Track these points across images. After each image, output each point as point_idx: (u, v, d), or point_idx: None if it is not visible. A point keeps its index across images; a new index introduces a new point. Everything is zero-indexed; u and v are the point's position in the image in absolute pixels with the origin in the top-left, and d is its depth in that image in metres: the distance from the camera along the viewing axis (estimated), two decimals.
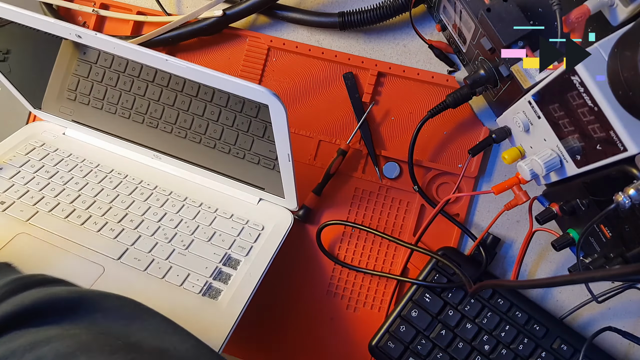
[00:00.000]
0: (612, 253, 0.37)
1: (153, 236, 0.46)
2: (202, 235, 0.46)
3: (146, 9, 0.56)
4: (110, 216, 0.47)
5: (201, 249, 0.45)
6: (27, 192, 0.48)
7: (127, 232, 0.46)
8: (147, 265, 0.43)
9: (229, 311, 0.41)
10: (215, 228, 0.47)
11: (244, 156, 0.48)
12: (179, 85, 0.49)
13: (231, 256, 0.45)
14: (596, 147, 0.33)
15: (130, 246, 0.45)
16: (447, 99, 0.47)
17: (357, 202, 0.52)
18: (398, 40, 0.54)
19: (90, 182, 0.50)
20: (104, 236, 0.45)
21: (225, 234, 0.47)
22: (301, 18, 0.53)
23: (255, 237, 0.47)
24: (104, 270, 0.43)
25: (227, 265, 0.44)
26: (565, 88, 0.34)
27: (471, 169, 0.51)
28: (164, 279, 0.43)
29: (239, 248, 0.46)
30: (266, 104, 0.38)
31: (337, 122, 0.53)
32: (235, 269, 0.44)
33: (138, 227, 0.46)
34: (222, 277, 0.43)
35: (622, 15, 0.38)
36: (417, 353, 0.47)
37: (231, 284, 0.43)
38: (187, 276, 0.43)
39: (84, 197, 0.48)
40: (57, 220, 0.46)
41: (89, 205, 0.48)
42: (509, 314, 0.47)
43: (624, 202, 0.30)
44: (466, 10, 0.42)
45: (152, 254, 0.44)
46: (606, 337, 0.48)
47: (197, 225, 0.47)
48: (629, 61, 0.29)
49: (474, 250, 0.49)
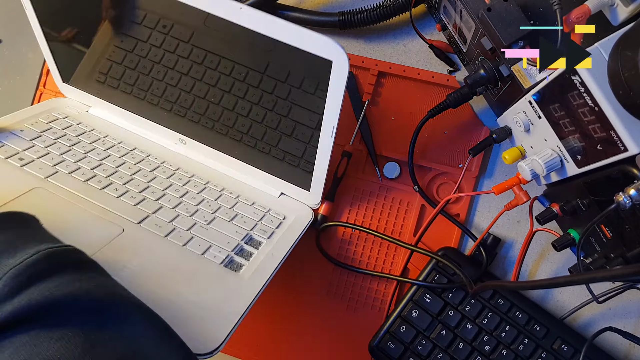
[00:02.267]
0: (612, 253, 0.37)
1: (175, 209, 0.45)
2: (224, 215, 0.46)
3: None
4: (131, 186, 0.46)
5: (223, 226, 0.44)
6: (47, 153, 0.47)
7: (148, 202, 0.45)
8: (168, 233, 0.42)
9: (250, 283, 0.40)
10: (237, 211, 0.46)
11: (278, 142, 0.46)
12: (213, 76, 0.46)
13: (253, 237, 0.45)
14: (597, 147, 0.33)
15: (151, 214, 0.43)
16: (447, 99, 0.47)
17: (357, 202, 0.52)
18: (398, 40, 0.54)
19: (113, 155, 0.49)
20: (125, 202, 0.44)
21: (247, 217, 0.46)
22: (301, 17, 0.53)
23: (277, 224, 0.46)
24: (123, 230, 0.41)
25: (249, 244, 0.44)
26: (566, 88, 0.34)
27: (472, 169, 0.51)
28: (185, 247, 0.41)
29: (261, 231, 0.45)
30: (330, 60, 0.37)
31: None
32: (257, 249, 0.43)
33: (160, 199, 0.45)
34: (244, 254, 0.43)
35: (623, 15, 0.38)
36: (417, 353, 0.47)
37: (253, 260, 0.42)
38: (208, 247, 0.42)
39: (105, 167, 0.47)
40: (77, 182, 0.45)
41: (110, 173, 0.47)
42: (510, 314, 0.47)
43: (625, 202, 0.30)
44: (467, 10, 0.42)
45: (173, 224, 0.43)
46: (607, 337, 0.48)
47: (219, 206, 0.46)
48: (630, 61, 0.29)
49: (474, 250, 0.49)
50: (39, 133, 0.49)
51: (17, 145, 0.46)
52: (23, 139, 0.47)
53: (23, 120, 0.50)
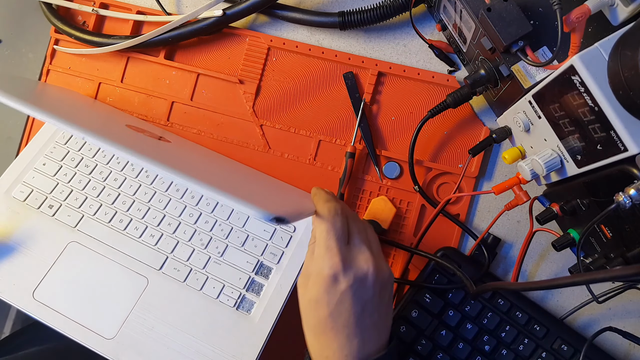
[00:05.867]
0: (612, 253, 0.37)
1: (190, 241, 0.49)
2: (235, 240, 0.49)
3: (146, 8, 0.56)
4: (149, 219, 0.50)
5: (235, 257, 0.48)
6: (71, 192, 0.51)
7: (165, 239, 0.49)
8: (186, 276, 0.47)
9: (260, 327, 0.45)
10: (247, 231, 0.49)
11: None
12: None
13: (263, 264, 0.48)
14: (597, 147, 0.33)
15: (169, 254, 0.48)
16: (447, 99, 0.47)
17: (358, 202, 0.52)
18: (398, 39, 0.54)
19: (128, 178, 0.51)
20: (145, 244, 0.49)
21: (257, 238, 0.49)
22: (301, 18, 0.53)
23: (286, 241, 0.48)
24: (148, 282, 0.47)
25: (259, 274, 0.47)
26: (566, 88, 0.34)
27: (472, 169, 0.51)
28: (201, 291, 0.47)
29: (270, 255, 0.48)
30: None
31: (337, 122, 0.53)
32: (267, 278, 0.47)
33: (176, 231, 0.49)
34: (254, 288, 0.47)
35: (623, 15, 0.38)
36: (417, 353, 0.47)
37: (263, 295, 0.47)
38: (222, 288, 0.47)
39: (124, 198, 0.51)
40: (101, 226, 0.49)
41: (129, 206, 0.50)
42: (510, 315, 0.47)
43: (625, 202, 0.30)
44: (466, 9, 0.42)
45: (190, 263, 0.48)
46: (606, 337, 0.48)
47: (231, 228, 0.49)
48: (630, 61, 0.29)
49: (475, 250, 0.49)
50: (59, 163, 0.52)
51: (43, 188, 0.51)
52: (47, 177, 0.51)
53: (43, 146, 0.53)
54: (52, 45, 0.57)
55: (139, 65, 0.56)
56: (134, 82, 0.56)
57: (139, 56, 0.56)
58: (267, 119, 0.54)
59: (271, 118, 0.54)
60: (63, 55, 0.57)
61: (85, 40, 0.55)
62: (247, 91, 0.54)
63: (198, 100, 0.55)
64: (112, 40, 0.54)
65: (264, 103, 0.54)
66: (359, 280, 0.36)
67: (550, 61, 0.38)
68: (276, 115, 0.54)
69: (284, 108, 0.54)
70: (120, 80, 0.56)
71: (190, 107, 0.55)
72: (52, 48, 0.57)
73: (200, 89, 0.55)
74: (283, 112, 0.54)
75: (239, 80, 0.54)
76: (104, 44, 0.54)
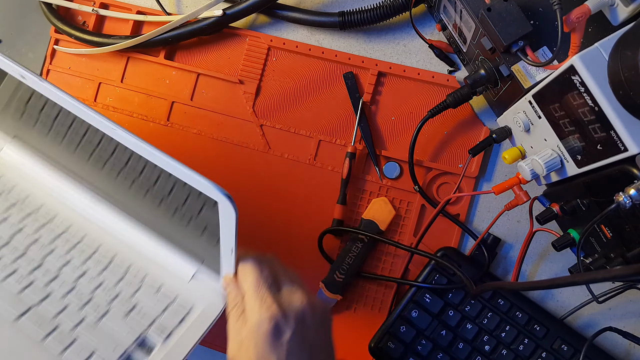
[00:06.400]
0: (612, 253, 0.37)
1: (65, 297, 0.40)
2: (120, 306, 0.40)
3: (146, 8, 0.56)
4: (23, 262, 0.41)
5: (116, 322, 0.40)
6: None
7: (35, 286, 0.40)
8: (47, 334, 0.38)
9: None
10: (137, 299, 0.41)
11: (189, 221, 0.42)
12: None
13: (147, 338, 0.40)
14: (597, 147, 0.33)
15: (34, 305, 0.39)
16: (447, 99, 0.47)
17: (357, 202, 0.52)
18: (398, 39, 0.54)
19: (12, 217, 0.44)
20: (9, 285, 0.40)
21: (147, 308, 0.41)
22: (301, 18, 0.53)
23: (180, 319, 0.40)
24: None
25: (140, 348, 0.39)
26: (566, 88, 0.34)
27: (472, 169, 0.51)
28: (61, 356, 0.37)
29: (158, 330, 0.40)
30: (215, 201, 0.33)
31: (337, 122, 0.53)
32: (148, 355, 0.39)
33: (51, 282, 0.41)
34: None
35: (623, 15, 0.38)
36: (417, 353, 0.47)
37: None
38: (89, 356, 0.38)
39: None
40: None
41: (4, 243, 0.42)
42: (510, 314, 0.47)
43: (625, 202, 0.30)
44: (467, 9, 0.42)
45: (57, 319, 0.39)
46: (607, 337, 0.48)
47: (118, 293, 0.41)
48: (630, 61, 0.29)
49: (475, 250, 0.49)
50: None
51: None
52: None
53: None
54: (52, 45, 0.57)
55: (139, 65, 0.56)
56: (134, 82, 0.56)
57: (139, 56, 0.56)
58: (267, 119, 0.54)
59: (271, 118, 0.54)
60: (63, 55, 0.57)
61: (85, 40, 0.55)
62: (247, 91, 0.54)
63: (198, 101, 0.55)
64: (112, 40, 0.54)
65: (264, 103, 0.54)
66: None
67: (550, 61, 0.38)
68: (276, 115, 0.54)
69: (284, 108, 0.54)
70: (120, 80, 0.56)
71: (190, 107, 0.55)
72: (52, 48, 0.57)
73: (200, 89, 0.55)
74: (283, 112, 0.54)
75: (239, 80, 0.54)
76: (104, 44, 0.54)
